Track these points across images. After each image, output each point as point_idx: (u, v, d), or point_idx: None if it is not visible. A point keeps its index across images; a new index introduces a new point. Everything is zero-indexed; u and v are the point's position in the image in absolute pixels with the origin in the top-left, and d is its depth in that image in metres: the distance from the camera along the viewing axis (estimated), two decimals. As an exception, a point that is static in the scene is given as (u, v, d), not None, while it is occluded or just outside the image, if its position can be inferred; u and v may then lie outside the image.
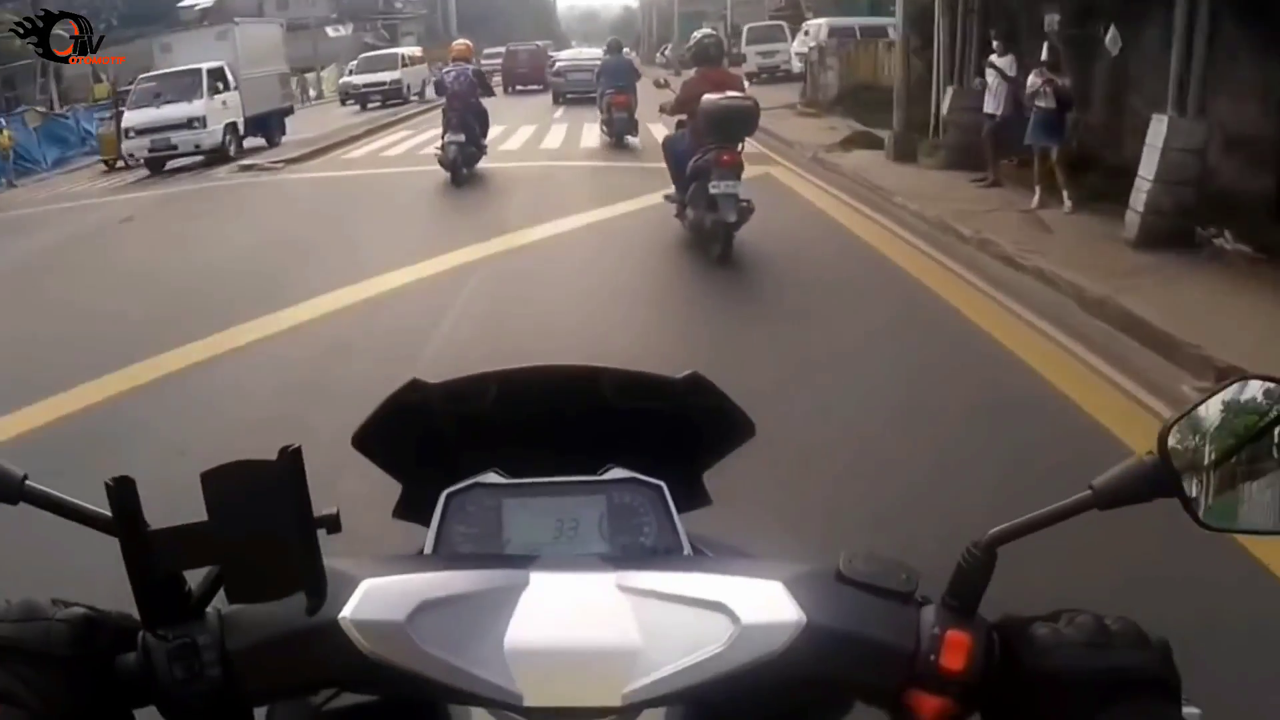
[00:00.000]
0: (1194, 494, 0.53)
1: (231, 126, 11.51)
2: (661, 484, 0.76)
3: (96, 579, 0.59)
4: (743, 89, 5.16)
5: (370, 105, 18.38)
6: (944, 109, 7.25)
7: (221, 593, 0.51)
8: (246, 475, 0.49)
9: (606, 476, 0.77)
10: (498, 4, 50.36)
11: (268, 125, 12.47)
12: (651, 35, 41.11)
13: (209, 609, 0.53)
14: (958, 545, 0.47)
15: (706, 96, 4.57)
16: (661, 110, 5.63)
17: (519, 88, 20.09)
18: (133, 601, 0.49)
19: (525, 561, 0.59)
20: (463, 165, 7.84)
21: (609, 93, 10.25)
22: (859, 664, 0.49)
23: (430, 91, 13.86)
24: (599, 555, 0.64)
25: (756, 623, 0.50)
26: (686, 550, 0.73)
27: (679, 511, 0.76)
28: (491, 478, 0.76)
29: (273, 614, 0.50)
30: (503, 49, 22.70)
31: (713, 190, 4.56)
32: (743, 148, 4.69)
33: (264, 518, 0.49)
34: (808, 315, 3.87)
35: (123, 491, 0.49)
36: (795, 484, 2.23)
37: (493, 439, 0.80)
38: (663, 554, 0.72)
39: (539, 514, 0.75)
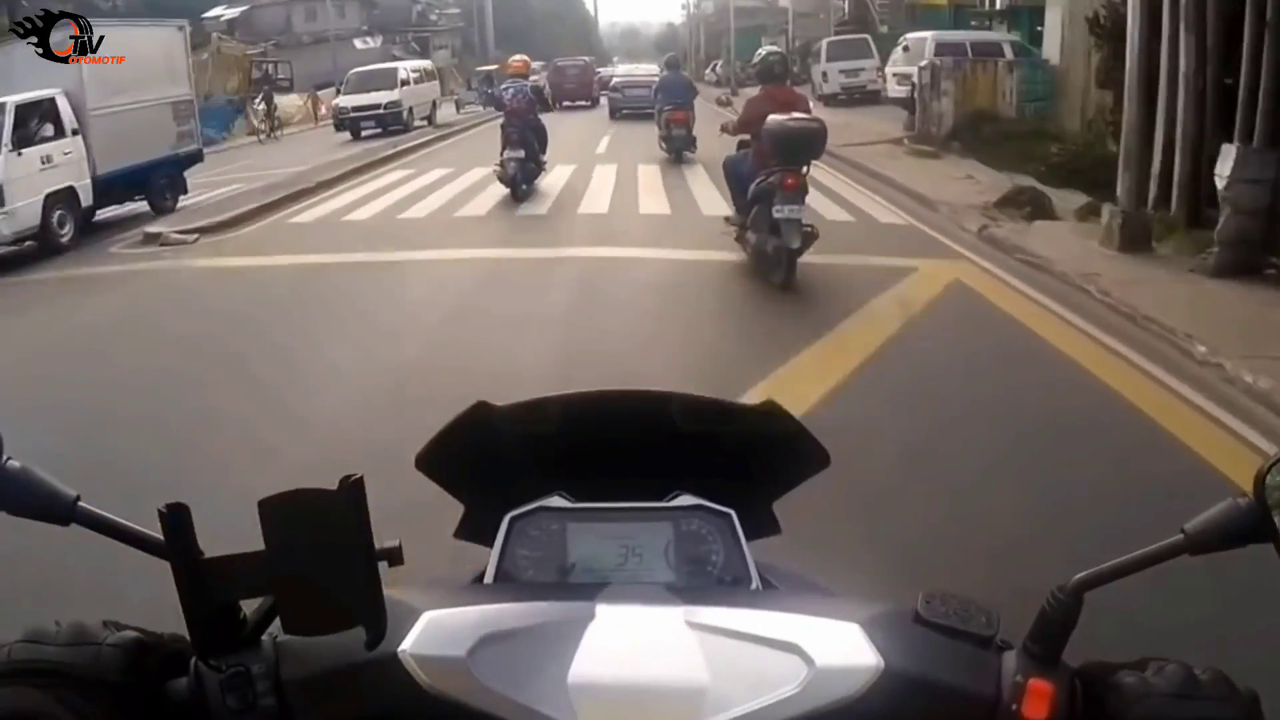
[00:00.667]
0: None
1: (59, 199, 7.03)
2: (730, 512, 0.77)
3: (149, 595, 0.58)
4: (808, 109, 5.27)
5: (365, 132, 15.68)
6: (1219, 177, 4.64)
7: (278, 620, 0.50)
8: (306, 504, 0.49)
9: (674, 503, 0.78)
10: (537, 18, 52.20)
11: (149, 183, 8.40)
12: (699, 52, 41.34)
13: (264, 637, 0.52)
14: None
15: (772, 117, 4.67)
16: (723, 130, 5.73)
17: (566, 103, 20.58)
18: (184, 622, 0.48)
19: (591, 592, 0.59)
20: (522, 181, 8.25)
21: (667, 109, 10.95)
22: (938, 712, 0.49)
23: (447, 113, 14.15)
24: (666, 586, 0.65)
25: (832, 666, 0.50)
26: (755, 581, 0.74)
27: (748, 539, 0.77)
28: (556, 501, 0.77)
29: (330, 644, 0.50)
30: (545, 64, 23.34)
31: (776, 215, 4.64)
32: (808, 170, 4.78)
33: (323, 549, 0.49)
34: None
35: (176, 518, 0.49)
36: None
37: (558, 462, 0.81)
38: (730, 586, 0.73)
39: (604, 540, 0.76)
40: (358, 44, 32.48)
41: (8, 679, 0.48)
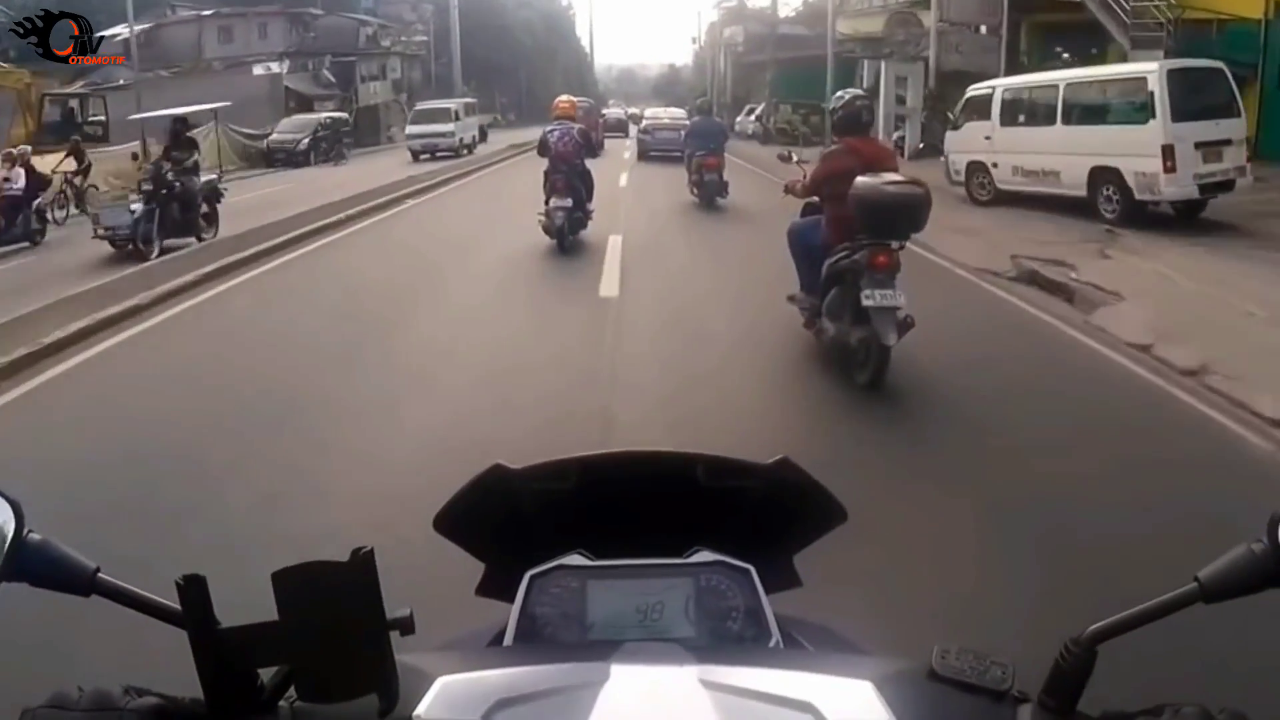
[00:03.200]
0: None
1: None
2: (750, 568, 0.93)
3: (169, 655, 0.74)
4: (896, 166, 5.35)
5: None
6: None
7: (294, 687, 0.61)
8: (318, 576, 0.59)
9: (694, 559, 0.94)
10: (524, 54, 54.24)
11: None
12: (723, 94, 41.31)
13: (281, 703, 0.63)
14: None
15: (861, 180, 4.65)
16: (788, 191, 5.86)
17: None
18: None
19: (605, 652, 0.71)
20: (570, 232, 9.27)
21: (699, 154, 13.04)
22: None
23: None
24: (683, 645, 0.77)
25: None
26: (775, 637, 0.90)
27: (768, 593, 0.94)
28: (575, 559, 0.94)
29: (345, 710, 0.60)
30: (501, 107, 27.19)
31: (866, 302, 4.59)
32: (902, 247, 4.79)
33: (336, 618, 0.59)
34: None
35: (193, 589, 0.60)
36: None
37: (577, 521, 0.99)
38: (749, 643, 0.89)
39: (624, 597, 0.92)
40: (257, 70, 33.09)
41: None
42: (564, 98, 10.73)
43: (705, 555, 0.97)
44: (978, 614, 2.48)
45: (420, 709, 0.62)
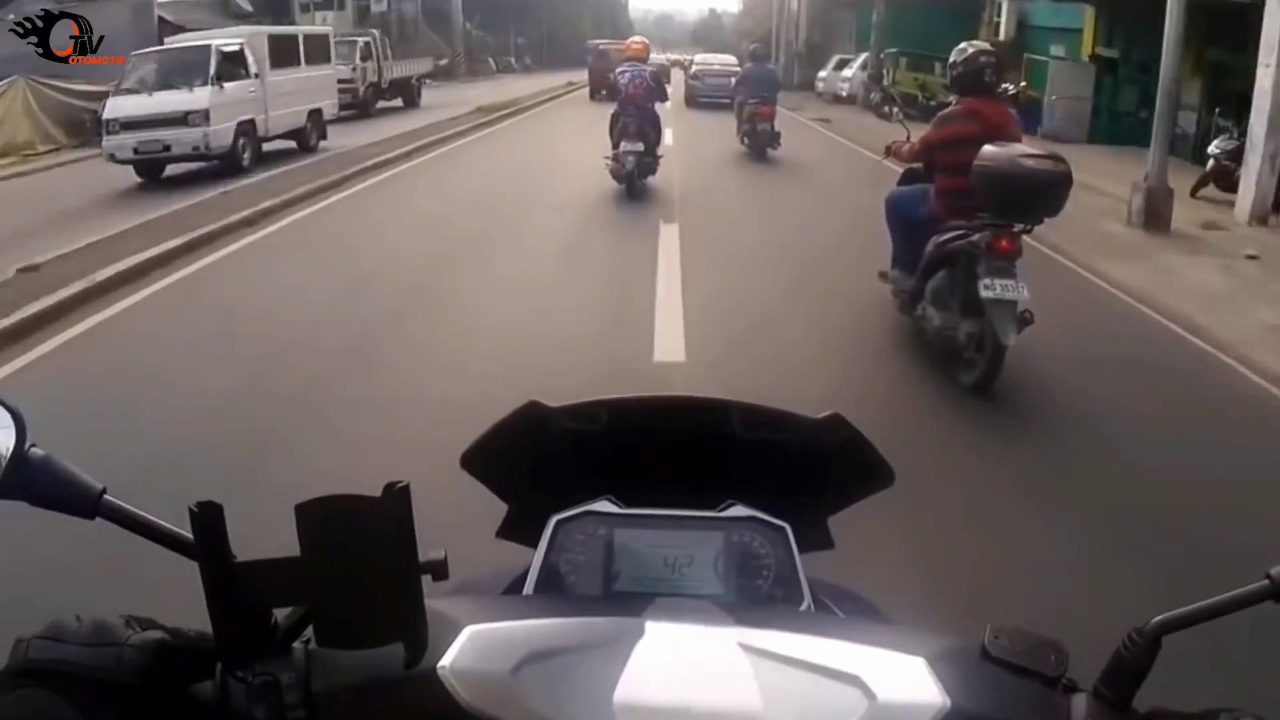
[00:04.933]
0: None
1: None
2: (785, 526, 1.00)
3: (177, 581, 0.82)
4: (1020, 134, 5.35)
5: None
6: None
7: (310, 629, 0.65)
8: (347, 511, 0.62)
9: (727, 514, 1.02)
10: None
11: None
12: (795, 40, 38.21)
13: (295, 645, 0.67)
14: None
15: (991, 150, 4.65)
16: (889, 152, 5.94)
17: (605, 93, 26.66)
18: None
19: (639, 607, 0.76)
20: (640, 177, 10.65)
21: (752, 102, 14.51)
22: None
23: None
24: (718, 604, 0.82)
25: (894, 702, 0.63)
26: (807, 599, 0.97)
27: (800, 553, 1.00)
28: (604, 506, 1.02)
29: (366, 655, 0.64)
30: (527, 53, 27.85)
31: (985, 293, 4.58)
32: (1028, 230, 4.79)
33: (363, 559, 0.62)
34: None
35: (207, 517, 0.63)
36: None
37: (608, 466, 1.07)
38: (782, 604, 0.96)
39: (652, 548, 0.99)
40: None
41: (24, 679, 0.60)
42: (636, 38, 12.63)
43: (739, 510, 1.03)
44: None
45: (446, 659, 0.65)
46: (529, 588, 1.01)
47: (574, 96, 31.13)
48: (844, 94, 27.47)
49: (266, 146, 14.42)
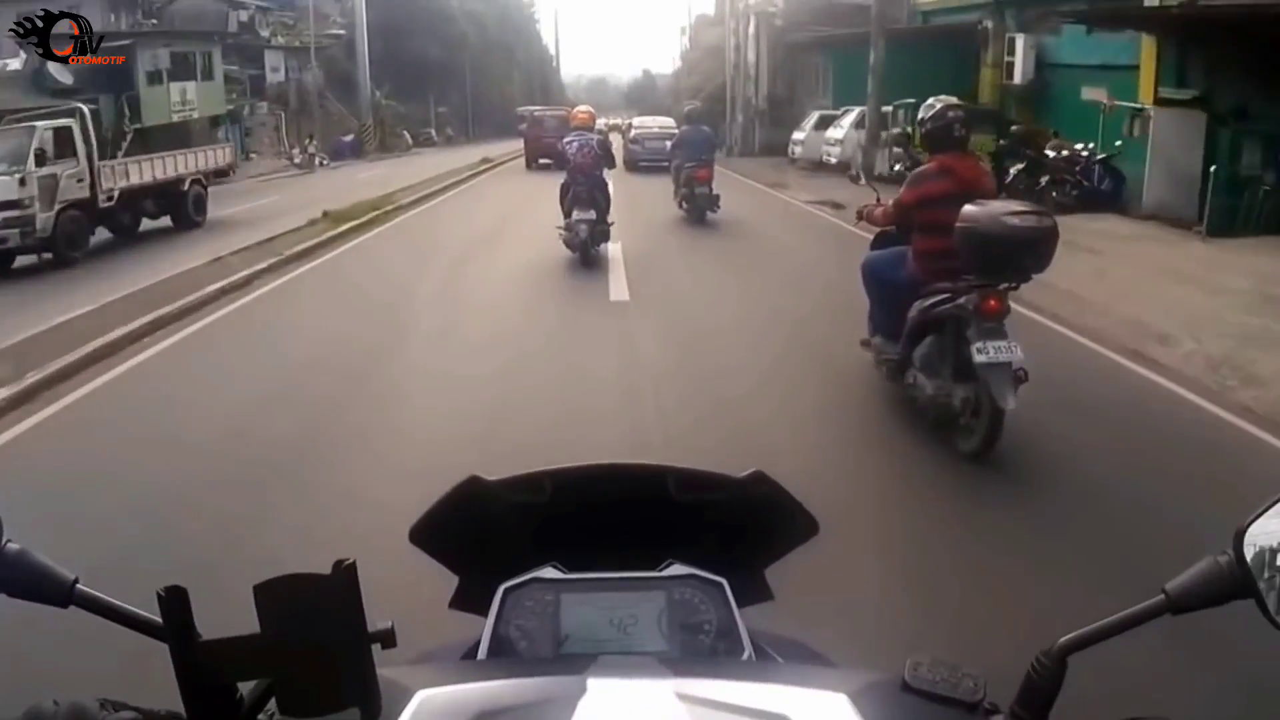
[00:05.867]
0: (1271, 595, 0.81)
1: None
2: (723, 581, 1.20)
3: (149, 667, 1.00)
4: (994, 189, 5.88)
5: None
6: None
7: (274, 700, 0.78)
8: (299, 588, 0.74)
9: (667, 573, 1.22)
10: (477, 51, 55.36)
11: None
12: (755, 92, 36.79)
13: (260, 716, 0.79)
14: None
15: (974, 209, 5.02)
16: (861, 218, 6.43)
17: (543, 161, 28.27)
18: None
19: (582, 665, 0.92)
20: (592, 245, 12.01)
21: (689, 166, 16.24)
22: None
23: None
24: (658, 658, 1.02)
25: None
26: (748, 650, 1.16)
27: (740, 606, 1.20)
28: (549, 573, 1.22)
29: None
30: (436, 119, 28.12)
31: (978, 357, 4.94)
32: (1014, 288, 5.18)
33: (317, 632, 0.74)
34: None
35: (174, 601, 0.75)
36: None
37: (551, 534, 1.28)
38: (723, 655, 1.14)
39: (598, 610, 1.17)
40: (14, 65, 24.63)
41: None
42: (583, 108, 13.88)
43: (678, 569, 1.22)
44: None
45: None
46: (481, 654, 1.17)
47: (494, 176, 30.23)
48: (831, 159, 24.61)
49: None
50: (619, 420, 5.93)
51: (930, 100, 6.07)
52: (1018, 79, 20.91)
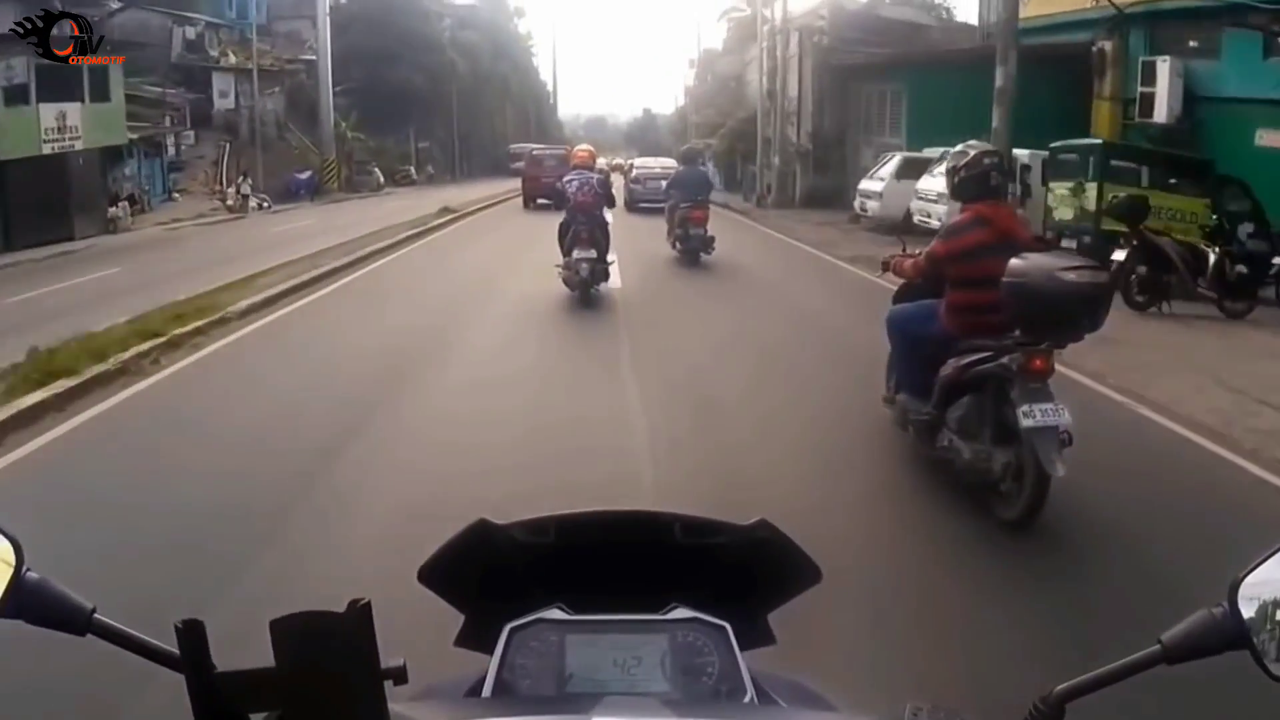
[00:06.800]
0: (1266, 647, 0.95)
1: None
2: (725, 625, 1.33)
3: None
4: (1030, 238, 6.09)
5: None
6: None
7: None
8: (315, 625, 0.85)
9: (670, 616, 1.35)
10: (463, 81, 56.35)
11: None
12: (798, 132, 32.95)
13: None
14: None
15: (1023, 264, 5.25)
16: (888, 269, 6.73)
17: (541, 201, 30.36)
18: None
19: (587, 705, 1.01)
20: (592, 284, 13.27)
21: (684, 206, 17.77)
22: None
23: None
24: (661, 699, 1.12)
25: None
26: (750, 693, 1.27)
27: (743, 650, 1.32)
28: (555, 613, 1.34)
29: None
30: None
31: (1025, 421, 5.11)
32: (1061, 347, 5.42)
33: (331, 667, 0.85)
34: None
35: (191, 633, 0.87)
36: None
37: (558, 576, 1.41)
38: (725, 698, 1.26)
39: (602, 651, 1.30)
40: None
41: None
42: (583, 146, 15.57)
43: (682, 612, 1.36)
44: None
45: None
46: (486, 692, 1.30)
47: (453, 237, 25.68)
48: (931, 220, 19.37)
49: None
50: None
51: (959, 146, 6.43)
52: (1160, 116, 18.04)
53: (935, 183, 18.47)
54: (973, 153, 6.20)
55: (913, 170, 22.18)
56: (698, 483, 6.28)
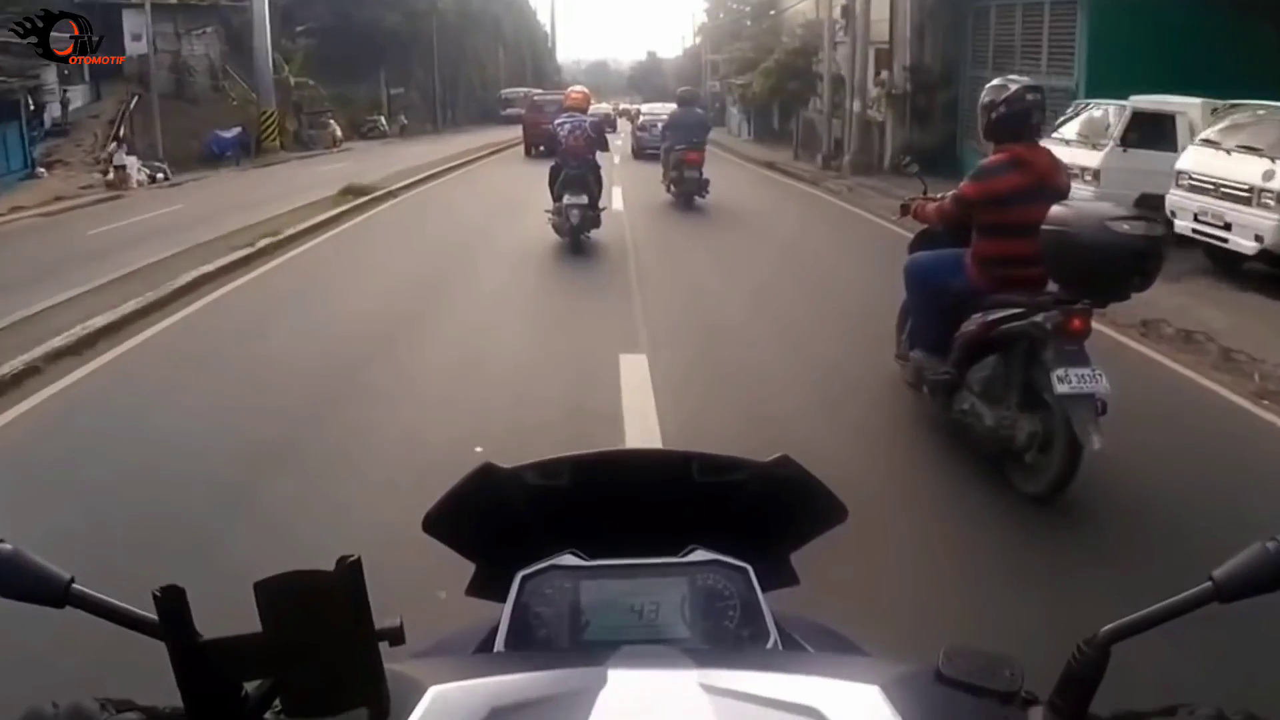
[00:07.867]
0: None
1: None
2: (747, 566, 1.42)
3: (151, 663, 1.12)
4: (1068, 182, 6.16)
5: None
6: None
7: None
8: (303, 585, 0.89)
9: (689, 559, 1.43)
10: (447, 22, 56.19)
11: None
12: (892, 70, 26.87)
13: (266, 716, 0.97)
14: None
15: (1065, 211, 5.30)
16: (907, 212, 6.81)
17: (542, 149, 31.76)
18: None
19: (602, 655, 1.11)
20: (583, 230, 14.34)
21: (679, 148, 19.89)
22: None
23: None
24: (680, 648, 1.22)
25: None
26: (773, 637, 1.37)
27: (765, 591, 1.42)
28: (568, 559, 1.44)
29: None
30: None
31: (1060, 387, 5.16)
32: (1102, 306, 5.55)
33: (322, 630, 0.89)
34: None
35: (170, 600, 0.91)
36: None
37: (570, 520, 1.51)
38: (748, 643, 1.37)
39: (618, 597, 1.40)
40: None
41: None
42: (576, 88, 16.81)
43: (701, 554, 1.42)
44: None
45: None
46: (499, 643, 1.36)
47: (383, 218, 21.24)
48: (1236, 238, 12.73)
49: None
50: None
51: (997, 81, 6.37)
52: None
53: (1227, 163, 11.71)
54: (1013, 88, 6.15)
55: (1155, 132, 14.21)
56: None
